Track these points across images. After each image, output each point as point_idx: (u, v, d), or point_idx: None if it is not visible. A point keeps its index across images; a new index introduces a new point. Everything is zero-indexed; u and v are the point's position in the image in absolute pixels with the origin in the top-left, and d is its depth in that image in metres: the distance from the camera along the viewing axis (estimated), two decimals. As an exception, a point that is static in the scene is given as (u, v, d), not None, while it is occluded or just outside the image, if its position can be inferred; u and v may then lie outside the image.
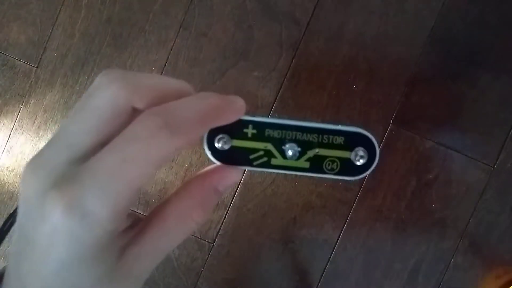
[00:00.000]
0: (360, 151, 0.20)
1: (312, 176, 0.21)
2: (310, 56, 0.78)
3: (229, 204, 0.79)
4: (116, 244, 0.16)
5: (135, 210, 0.79)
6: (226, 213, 0.79)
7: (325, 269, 0.78)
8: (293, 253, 0.79)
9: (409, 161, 0.77)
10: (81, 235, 0.15)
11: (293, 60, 0.78)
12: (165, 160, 0.16)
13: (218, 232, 0.79)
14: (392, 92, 0.77)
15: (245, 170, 0.20)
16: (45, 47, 0.81)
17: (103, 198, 0.14)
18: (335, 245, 0.78)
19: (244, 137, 0.20)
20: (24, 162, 0.82)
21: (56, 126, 0.81)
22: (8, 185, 0.82)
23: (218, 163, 0.20)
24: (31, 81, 0.81)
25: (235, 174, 0.20)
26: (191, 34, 0.79)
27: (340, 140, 0.20)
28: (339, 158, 0.20)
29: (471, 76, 0.77)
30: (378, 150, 0.21)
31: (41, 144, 0.82)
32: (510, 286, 0.76)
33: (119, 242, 0.17)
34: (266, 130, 0.20)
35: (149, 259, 0.17)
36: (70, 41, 0.81)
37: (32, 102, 0.81)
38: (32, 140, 0.81)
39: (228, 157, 0.20)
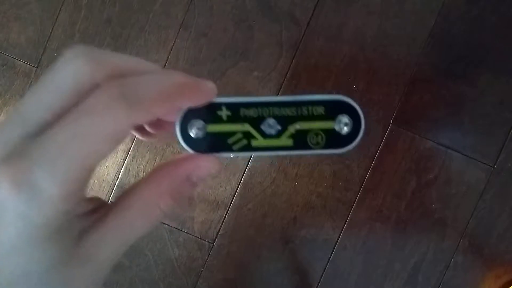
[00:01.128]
0: (344, 118, 0.19)
1: (298, 154, 0.20)
2: (310, 56, 0.78)
3: (229, 204, 0.79)
4: (72, 228, 0.15)
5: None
6: (226, 213, 0.79)
7: (325, 269, 0.78)
8: (293, 253, 0.79)
9: (409, 161, 0.77)
10: (30, 214, 0.14)
11: (293, 60, 0.78)
12: (120, 136, 0.15)
13: (218, 232, 0.79)
14: (392, 92, 0.77)
15: (228, 158, 0.19)
16: (45, 47, 0.81)
17: (53, 174, 0.14)
18: (335, 245, 0.78)
19: (219, 120, 0.19)
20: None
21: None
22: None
23: (193, 152, 0.19)
24: (31, 81, 0.81)
25: (212, 163, 0.18)
26: (191, 34, 0.79)
27: (320, 110, 0.19)
28: (322, 129, 0.19)
29: (471, 76, 0.77)
30: (362, 115, 0.19)
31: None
32: (510, 286, 0.76)
33: (77, 225, 0.16)
34: (241, 109, 0.19)
35: (110, 248, 0.16)
36: (70, 41, 0.81)
37: (32, 102, 0.81)
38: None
39: (205, 146, 0.19)
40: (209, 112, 0.18)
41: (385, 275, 0.78)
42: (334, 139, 0.19)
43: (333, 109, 0.19)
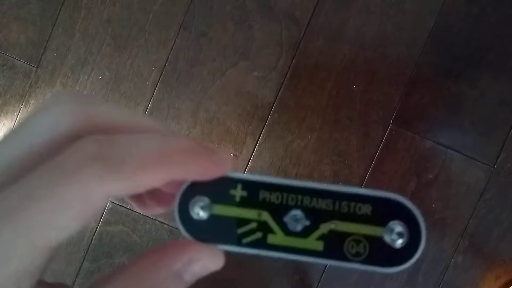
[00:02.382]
0: (397, 226, 0.14)
1: (328, 264, 0.15)
2: (310, 56, 0.78)
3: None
4: None
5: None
6: (226, 213, 0.78)
7: (325, 269, 0.78)
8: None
9: (409, 161, 0.77)
10: None
11: (293, 60, 0.78)
12: (92, 206, 0.11)
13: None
14: (392, 92, 0.77)
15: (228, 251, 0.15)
16: (45, 47, 0.81)
17: None
18: (335, 245, 0.78)
19: (230, 201, 0.14)
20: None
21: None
22: (8, 185, 0.82)
23: (190, 238, 0.15)
24: (31, 81, 0.81)
25: (212, 258, 0.14)
26: (191, 34, 0.79)
27: (366, 209, 0.14)
28: (366, 236, 0.14)
29: (471, 76, 0.77)
30: (423, 225, 0.14)
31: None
32: (510, 286, 0.76)
33: None
34: (261, 192, 0.14)
35: None
36: (70, 41, 0.81)
37: (32, 102, 0.81)
38: (32, 140, 0.81)
39: (206, 231, 0.14)
40: (219, 189, 0.14)
41: (385, 275, 0.78)
42: (381, 252, 0.14)
43: (384, 212, 0.14)
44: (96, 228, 0.79)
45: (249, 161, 0.78)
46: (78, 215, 0.11)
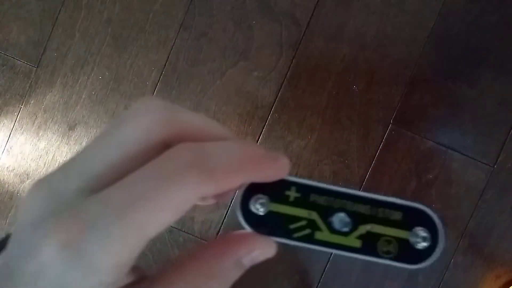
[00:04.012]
0: (421, 232, 0.17)
1: (363, 259, 0.17)
2: (310, 56, 0.78)
3: (229, 204, 0.79)
4: None
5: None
6: (226, 213, 0.79)
7: (325, 269, 0.78)
8: (293, 253, 0.79)
9: (409, 161, 0.77)
10: (71, 282, 0.12)
11: (293, 60, 0.78)
12: (186, 207, 0.13)
13: (218, 232, 0.79)
14: (392, 92, 0.77)
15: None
16: (45, 47, 0.81)
17: (106, 241, 0.12)
18: (335, 245, 0.78)
19: (285, 201, 0.17)
20: (24, 162, 0.82)
21: (56, 126, 0.81)
22: (8, 185, 0.82)
23: (250, 230, 0.17)
24: (31, 81, 0.81)
25: (268, 248, 0.16)
26: (191, 34, 0.79)
27: (397, 215, 0.17)
28: (396, 238, 0.17)
29: (471, 76, 0.77)
30: (441, 232, 0.17)
31: (41, 144, 0.82)
32: (510, 286, 0.76)
33: None
34: (312, 195, 0.17)
35: None
36: (70, 41, 0.81)
37: (32, 102, 0.81)
38: (32, 140, 0.81)
39: (263, 225, 0.17)
40: (276, 189, 0.17)
41: (385, 275, 0.78)
42: (407, 252, 0.17)
43: (411, 219, 0.17)
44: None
45: (249, 161, 0.78)
46: (177, 213, 0.13)
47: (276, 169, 0.16)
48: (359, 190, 0.17)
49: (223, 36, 0.79)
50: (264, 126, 0.78)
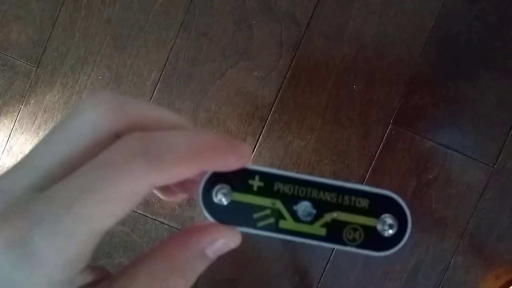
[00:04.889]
0: (389, 219, 0.16)
1: (328, 247, 0.17)
2: (310, 56, 0.78)
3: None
4: None
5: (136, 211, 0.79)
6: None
7: (325, 269, 0.78)
8: (293, 253, 0.79)
9: (409, 161, 0.77)
10: (19, 280, 0.12)
11: (293, 60, 0.78)
12: (137, 197, 0.13)
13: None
14: (392, 92, 0.77)
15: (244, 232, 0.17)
16: (45, 47, 0.81)
17: (54, 236, 0.12)
18: (335, 245, 0.78)
19: (249, 190, 0.17)
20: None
21: (56, 126, 0.81)
22: (8, 185, 0.82)
23: (213, 220, 0.17)
24: (31, 81, 0.81)
25: (232, 237, 0.16)
26: (191, 34, 0.79)
27: (364, 203, 0.17)
28: (362, 225, 0.17)
29: (471, 76, 0.77)
30: (409, 219, 0.17)
31: (41, 144, 0.82)
32: (510, 286, 0.76)
33: None
34: (276, 183, 0.17)
35: None
36: (70, 41, 0.81)
37: (32, 102, 0.81)
38: (32, 140, 0.81)
39: (226, 215, 0.16)
40: (239, 179, 0.16)
41: (385, 275, 0.78)
42: (373, 239, 0.17)
43: (379, 206, 0.17)
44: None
45: (249, 161, 0.78)
46: (126, 205, 0.13)
47: (236, 156, 0.15)
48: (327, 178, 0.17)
49: (223, 36, 0.79)
50: (264, 126, 0.78)
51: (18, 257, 0.12)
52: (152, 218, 0.79)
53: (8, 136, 0.82)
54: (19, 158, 0.85)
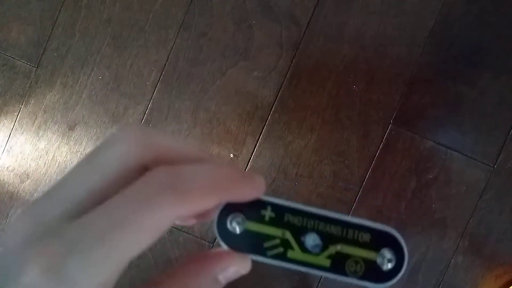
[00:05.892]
0: (388, 254, 0.18)
1: (331, 277, 0.18)
2: (310, 56, 0.78)
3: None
4: None
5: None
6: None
7: (325, 269, 0.78)
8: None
9: (409, 161, 0.77)
10: None
11: (293, 60, 0.78)
12: (163, 228, 0.14)
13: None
14: (392, 92, 0.77)
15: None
16: (45, 47, 0.81)
17: (88, 265, 0.12)
18: (335, 245, 0.78)
19: (261, 220, 0.18)
20: (24, 162, 0.82)
21: (56, 126, 0.81)
22: (8, 185, 0.82)
23: (226, 248, 0.18)
24: (31, 81, 0.81)
25: (244, 265, 0.17)
26: (191, 34, 0.79)
27: (366, 237, 0.18)
28: (363, 259, 0.18)
29: (471, 76, 0.77)
30: (406, 255, 0.18)
31: (41, 144, 0.82)
32: (510, 286, 0.76)
33: None
34: (286, 215, 0.18)
35: None
36: (70, 41, 0.81)
37: (32, 102, 0.81)
38: (32, 140, 0.81)
39: (239, 242, 0.17)
40: (252, 209, 0.18)
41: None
42: (373, 272, 0.18)
43: (379, 241, 0.18)
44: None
45: (249, 161, 0.78)
46: (154, 235, 0.14)
47: (251, 188, 0.16)
48: (348, 214, 0.18)
49: (223, 36, 0.79)
50: (264, 126, 0.78)
51: (54, 283, 0.12)
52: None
53: (8, 136, 0.82)
54: (19, 158, 0.85)
